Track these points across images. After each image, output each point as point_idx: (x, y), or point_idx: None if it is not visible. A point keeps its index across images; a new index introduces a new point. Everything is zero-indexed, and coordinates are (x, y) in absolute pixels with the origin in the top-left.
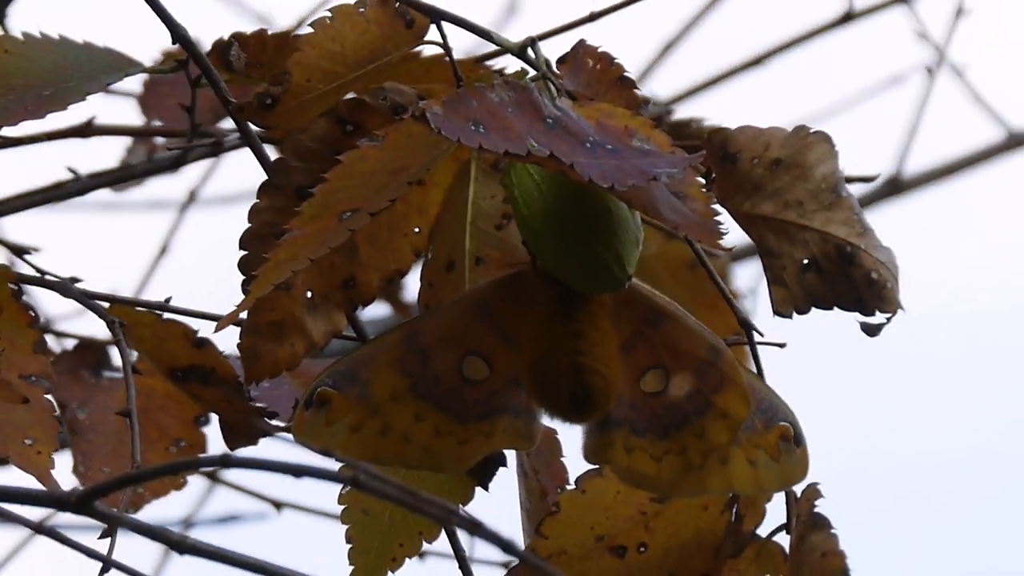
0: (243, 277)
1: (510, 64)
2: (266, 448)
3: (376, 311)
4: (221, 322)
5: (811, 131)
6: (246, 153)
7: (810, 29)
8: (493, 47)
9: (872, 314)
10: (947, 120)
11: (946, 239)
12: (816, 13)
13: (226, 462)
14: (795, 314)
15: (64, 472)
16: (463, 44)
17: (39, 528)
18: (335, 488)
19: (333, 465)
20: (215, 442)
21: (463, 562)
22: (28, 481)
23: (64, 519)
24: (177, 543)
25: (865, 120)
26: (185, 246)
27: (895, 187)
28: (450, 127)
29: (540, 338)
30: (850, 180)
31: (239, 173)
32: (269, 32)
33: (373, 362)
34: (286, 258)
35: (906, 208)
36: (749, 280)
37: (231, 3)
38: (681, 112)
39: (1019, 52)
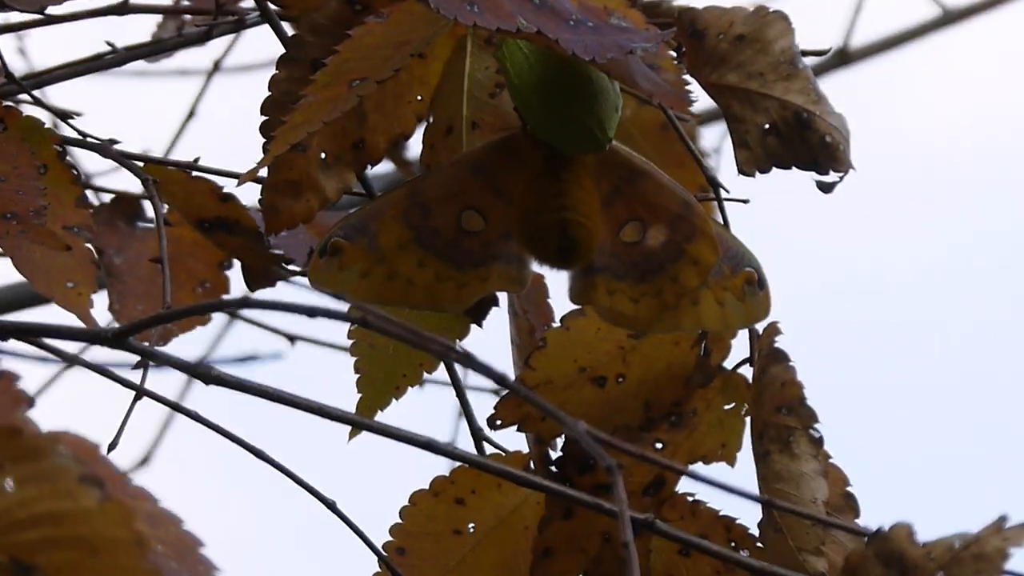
0: (264, 139)
1: None
2: (283, 291)
3: (381, 169)
4: (243, 177)
5: (770, 10)
6: (265, 29)
7: None
8: None
9: (826, 173)
10: None
11: (888, 105)
12: None
13: (247, 303)
14: (757, 173)
15: (101, 311)
16: None
17: (77, 360)
18: (345, 326)
19: (344, 306)
20: (237, 284)
21: (459, 390)
22: (69, 319)
23: (95, 354)
24: (204, 375)
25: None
26: (210, 111)
27: (843, 58)
28: (448, 6)
29: (530, 194)
30: (805, 53)
31: (259, 46)
32: None
33: (380, 215)
34: (302, 121)
35: (853, 77)
36: (713, 141)
37: None
38: None
39: None
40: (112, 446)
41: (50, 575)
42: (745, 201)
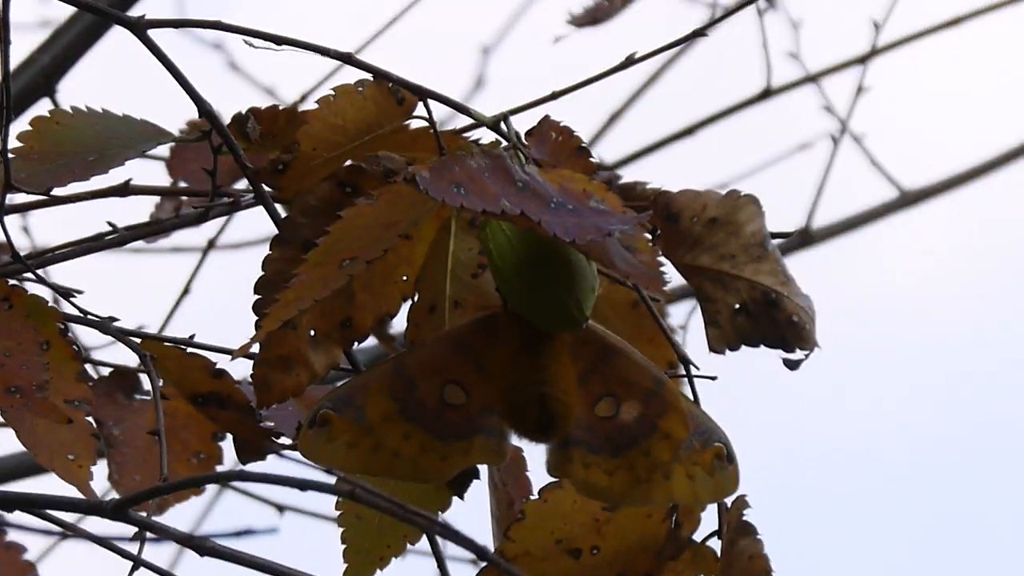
0: (256, 317)
1: (485, 135)
2: (273, 463)
3: (366, 344)
4: (236, 353)
5: (741, 194)
6: (259, 211)
7: (734, 103)
8: (470, 120)
9: (793, 351)
10: (849, 182)
11: (850, 284)
12: (739, 90)
13: (242, 476)
14: (727, 351)
15: (100, 479)
16: (442, 114)
17: (78, 531)
18: (334, 498)
19: (332, 478)
20: (229, 455)
21: (440, 561)
22: (70, 490)
23: (95, 525)
24: (199, 547)
25: (780, 181)
26: (205, 286)
27: (806, 239)
28: (436, 189)
29: (510, 370)
30: (773, 236)
31: (253, 226)
32: (280, 107)
33: (367, 389)
34: (294, 299)
35: (815, 257)
36: (681, 318)
37: (243, 77)
38: (626, 174)
39: (909, 124)
40: None
41: None
42: (713, 378)
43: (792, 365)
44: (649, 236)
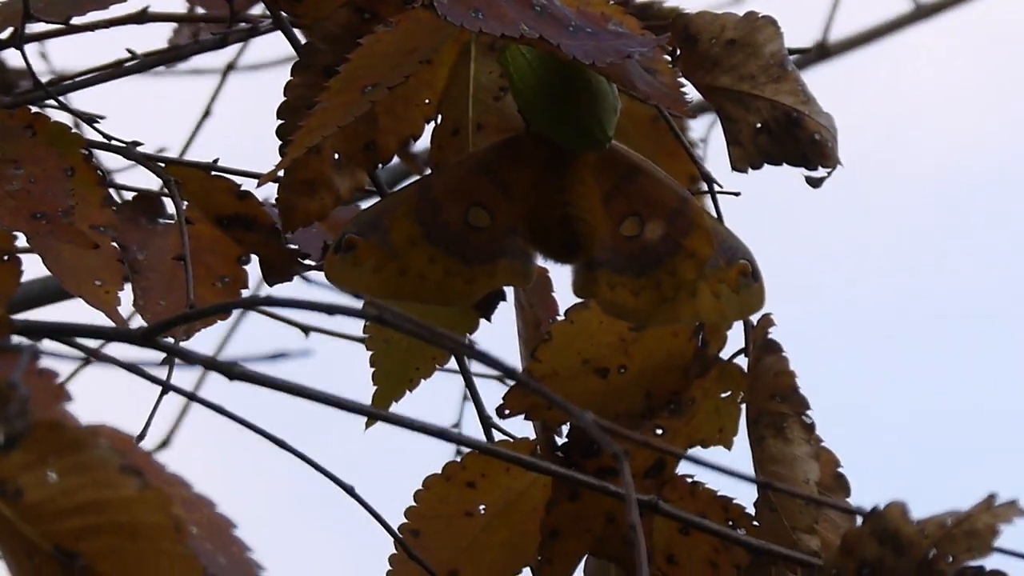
0: (280, 142)
1: None
2: (298, 285)
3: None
4: (262, 179)
5: (759, 15)
6: (278, 35)
7: None
8: None
9: (815, 169)
10: None
11: (867, 97)
12: None
13: (270, 301)
14: (750, 169)
15: (125, 304)
16: None
17: (110, 359)
18: (361, 321)
19: (360, 302)
20: (254, 277)
21: (468, 380)
22: (97, 315)
23: (123, 351)
24: (229, 371)
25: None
26: (224, 109)
27: (823, 53)
28: (454, 13)
29: (534, 191)
30: (790, 52)
31: (271, 46)
32: None
33: (392, 212)
34: (317, 125)
35: (832, 70)
36: (701, 131)
37: None
38: None
39: None
40: (141, 437)
41: (92, 561)
42: (737, 194)
43: (815, 183)
44: (669, 58)
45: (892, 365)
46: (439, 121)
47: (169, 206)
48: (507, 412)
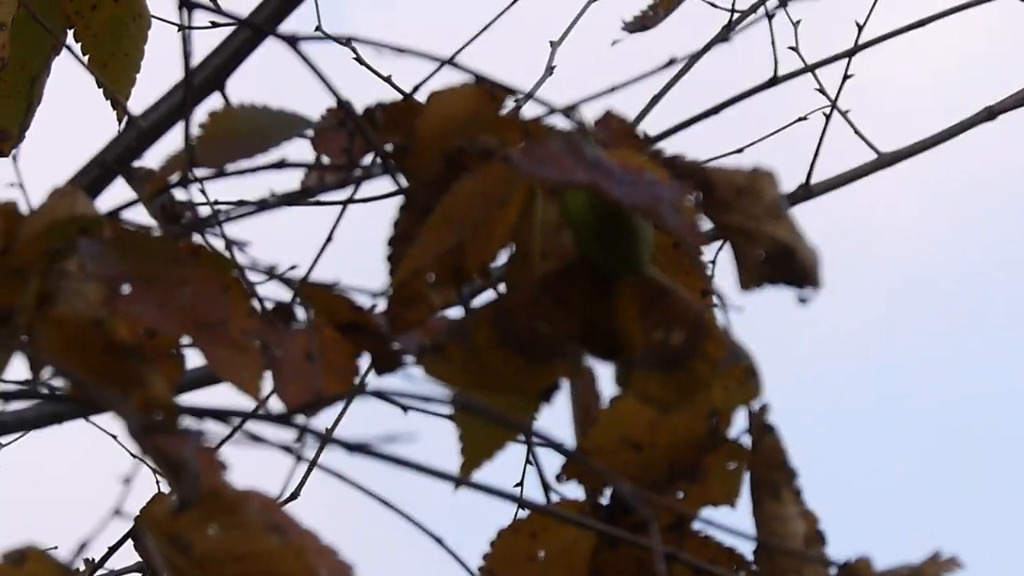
0: (389, 266)
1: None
2: (399, 378)
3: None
4: (376, 296)
5: (763, 169)
6: (386, 181)
7: (748, 88)
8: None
9: (805, 290)
10: (838, 148)
11: (845, 231)
12: (752, 78)
13: (380, 393)
14: (754, 289)
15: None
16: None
17: (261, 440)
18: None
19: (449, 392)
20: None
21: (532, 452)
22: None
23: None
24: (359, 448)
25: (785, 149)
26: (343, 236)
27: (807, 193)
28: (526, 165)
29: (586, 307)
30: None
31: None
32: (400, 101)
33: (475, 322)
34: (418, 254)
35: (814, 206)
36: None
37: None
38: (666, 146)
39: (886, 103)
40: (285, 499)
41: None
42: (740, 309)
43: (804, 301)
44: (692, 200)
45: (858, 439)
46: (511, 250)
47: (300, 314)
48: (564, 479)
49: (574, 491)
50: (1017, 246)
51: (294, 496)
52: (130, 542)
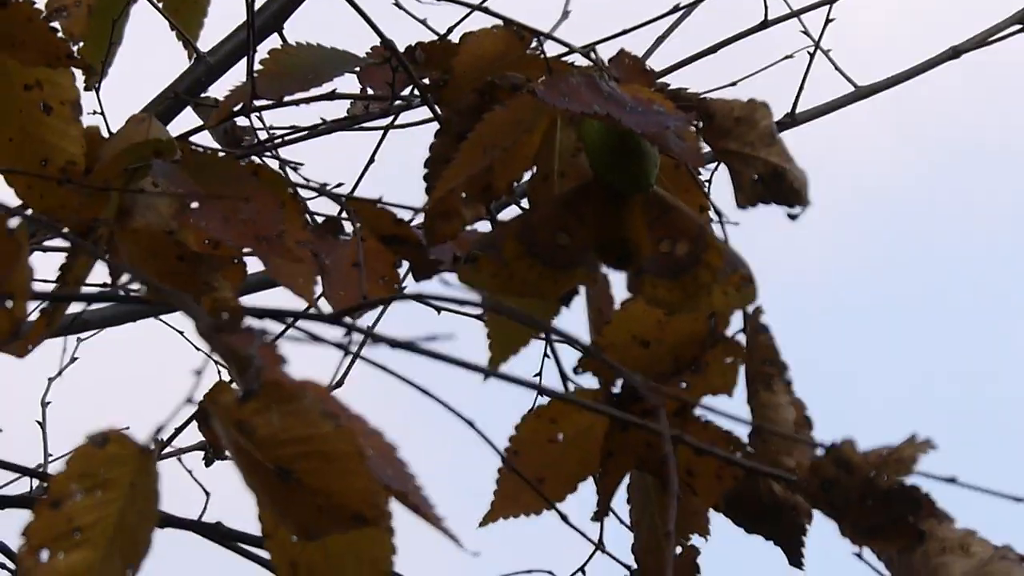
0: (426, 184)
1: (579, 59)
2: (435, 283)
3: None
4: (418, 211)
5: (758, 101)
6: (424, 110)
7: (742, 30)
8: (567, 49)
9: (793, 207)
10: (820, 81)
11: (825, 154)
12: (746, 21)
13: (420, 296)
14: (749, 207)
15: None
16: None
17: (316, 337)
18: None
19: (479, 296)
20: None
21: (552, 348)
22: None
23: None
24: (408, 347)
25: (775, 83)
26: (385, 160)
27: (793, 121)
28: (549, 97)
29: (600, 221)
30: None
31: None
32: (436, 41)
33: (503, 235)
34: (453, 175)
35: (799, 133)
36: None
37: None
38: (672, 81)
39: (864, 41)
40: (334, 388)
41: (302, 476)
42: (736, 223)
43: (793, 217)
44: (694, 128)
45: (852, 337)
46: (535, 171)
47: (347, 227)
48: (580, 371)
49: (589, 382)
50: (964, 169)
51: (338, 385)
52: (194, 424)
